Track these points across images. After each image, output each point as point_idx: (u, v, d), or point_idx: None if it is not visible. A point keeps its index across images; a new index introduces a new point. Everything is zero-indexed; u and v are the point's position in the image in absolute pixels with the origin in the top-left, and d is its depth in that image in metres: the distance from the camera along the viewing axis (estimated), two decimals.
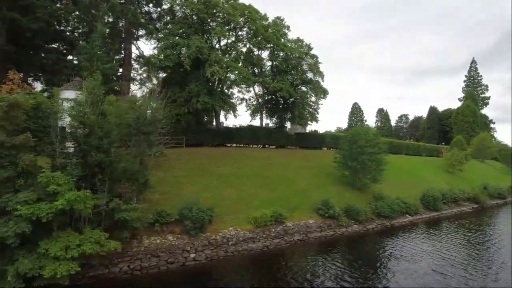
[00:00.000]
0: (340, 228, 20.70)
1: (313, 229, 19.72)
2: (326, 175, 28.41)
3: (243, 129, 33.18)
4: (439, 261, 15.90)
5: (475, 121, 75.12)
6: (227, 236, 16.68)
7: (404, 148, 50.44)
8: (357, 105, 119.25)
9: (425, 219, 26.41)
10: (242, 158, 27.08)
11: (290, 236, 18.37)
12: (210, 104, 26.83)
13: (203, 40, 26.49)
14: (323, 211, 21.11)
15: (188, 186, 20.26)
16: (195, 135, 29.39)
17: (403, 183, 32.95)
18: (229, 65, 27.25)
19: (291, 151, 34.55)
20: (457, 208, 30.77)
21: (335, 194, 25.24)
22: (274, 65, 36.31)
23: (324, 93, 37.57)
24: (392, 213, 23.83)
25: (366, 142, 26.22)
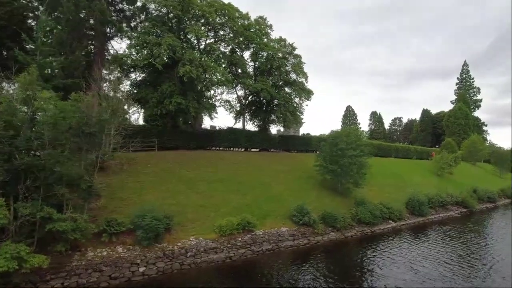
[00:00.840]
0: (316, 236, 19.33)
1: (285, 237, 18.35)
2: (306, 179, 27.12)
3: (223, 131, 31.86)
4: (410, 276, 14.45)
5: (467, 124, 74.49)
6: (187, 246, 15.27)
7: (393, 151, 49.37)
8: (350, 108, 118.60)
9: (410, 225, 25.13)
10: (217, 162, 25.74)
11: (258, 245, 16.98)
12: (184, 105, 25.55)
13: (176, 39, 25.23)
14: (297, 218, 19.76)
15: (152, 191, 18.86)
16: (170, 138, 28.06)
17: (389, 187, 31.83)
18: (204, 65, 26.07)
19: (273, 154, 33.26)
20: (445, 213, 29.56)
21: (314, 199, 23.97)
22: (257, 65, 35.20)
23: (309, 94, 36.50)
24: (374, 219, 22.52)
25: (348, 145, 25.03)
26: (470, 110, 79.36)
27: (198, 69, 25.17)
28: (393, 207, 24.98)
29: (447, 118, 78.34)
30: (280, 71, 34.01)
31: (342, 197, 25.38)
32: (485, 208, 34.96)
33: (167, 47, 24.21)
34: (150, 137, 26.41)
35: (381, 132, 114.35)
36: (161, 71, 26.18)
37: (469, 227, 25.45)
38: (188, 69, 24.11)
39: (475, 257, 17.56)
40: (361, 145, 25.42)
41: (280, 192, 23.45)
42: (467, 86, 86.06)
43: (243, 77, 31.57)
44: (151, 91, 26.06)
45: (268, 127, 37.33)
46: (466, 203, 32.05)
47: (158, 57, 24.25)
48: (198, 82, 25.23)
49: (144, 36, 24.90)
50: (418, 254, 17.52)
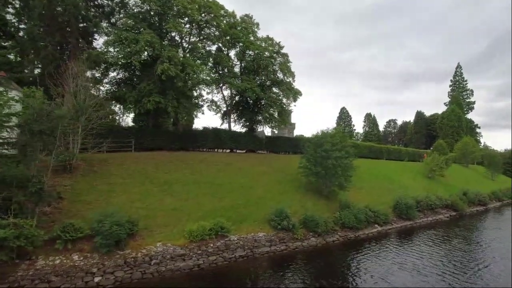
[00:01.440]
0: (295, 242, 18.38)
1: (261, 243, 17.38)
2: (290, 182, 26.20)
3: (207, 132, 30.86)
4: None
5: (460, 126, 74.17)
6: (152, 253, 14.25)
7: (385, 153, 48.71)
8: (345, 109, 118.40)
9: (396, 229, 24.27)
10: (198, 164, 24.75)
11: (231, 252, 16.00)
12: (163, 104, 24.58)
13: (155, 36, 24.27)
14: (276, 222, 18.80)
15: (122, 194, 17.82)
16: (151, 138, 27.05)
17: (378, 189, 31.05)
18: (185, 63, 25.14)
19: (258, 156, 32.33)
20: (434, 216, 28.75)
21: (297, 203, 23.05)
22: (243, 65, 34.32)
23: (296, 94, 35.68)
24: (358, 223, 21.63)
25: (333, 146, 24.15)
26: (463, 112, 79.11)
27: (178, 67, 24.27)
28: (379, 211, 24.12)
29: (441, 120, 78.03)
30: (267, 70, 33.16)
31: (326, 200, 24.47)
32: (476, 211, 34.24)
33: (144, 44, 23.26)
34: (128, 137, 25.44)
35: (375, 134, 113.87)
36: (140, 69, 25.30)
37: (455, 232, 24.58)
38: (166, 67, 23.16)
39: (455, 269, 16.47)
40: (346, 146, 24.54)
41: (261, 195, 22.50)
42: (460, 88, 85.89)
43: (228, 76, 30.61)
44: (130, 89, 25.07)
45: (255, 128, 36.43)
46: (456, 206, 31.30)
47: (135, 54, 23.32)
48: (178, 80, 24.23)
49: (122, 33, 23.92)
50: (395, 262, 16.53)
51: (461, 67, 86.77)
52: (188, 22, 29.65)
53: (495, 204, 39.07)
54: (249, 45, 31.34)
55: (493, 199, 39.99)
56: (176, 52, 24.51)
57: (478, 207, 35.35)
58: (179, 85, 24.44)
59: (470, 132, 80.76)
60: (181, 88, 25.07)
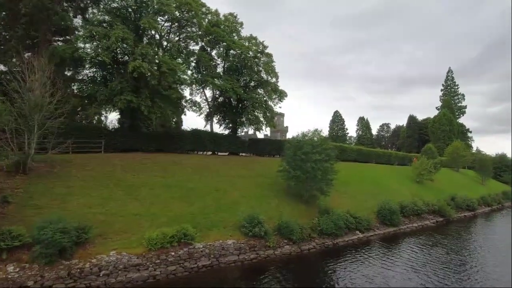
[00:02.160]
0: (266, 250, 17.20)
1: (229, 251, 16.18)
2: (270, 186, 25.08)
3: (186, 134, 29.72)
4: None
5: (451, 130, 73.84)
6: (103, 263, 12.98)
7: (374, 157, 47.82)
8: (338, 113, 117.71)
9: (379, 236, 23.20)
10: (171, 166, 23.54)
11: (193, 261, 14.79)
12: (135, 103, 23.40)
13: (128, 31, 23.14)
14: (247, 229, 17.62)
15: (80, 198, 16.55)
16: (125, 139, 25.82)
17: (364, 194, 30.01)
18: (161, 61, 24.03)
19: (239, 159, 31.19)
20: (419, 222, 27.77)
21: (274, 208, 21.95)
22: (226, 65, 33.30)
23: (281, 95, 34.74)
24: (337, 230, 20.51)
25: (313, 148, 23.12)
26: (454, 117, 78.85)
27: (152, 65, 23.17)
28: (360, 217, 23.05)
29: (432, 124, 77.69)
30: (251, 70, 32.17)
31: (307, 206, 23.36)
32: (464, 216, 33.35)
33: (115, 40, 22.12)
34: (100, 137, 24.20)
35: (368, 138, 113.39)
36: (112, 67, 24.13)
37: (437, 239, 23.50)
38: (138, 64, 22.00)
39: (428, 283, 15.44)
40: (327, 149, 23.50)
41: (235, 200, 21.32)
42: (452, 93, 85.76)
43: (209, 75, 29.51)
44: (101, 87, 23.86)
45: (238, 130, 35.33)
46: (443, 212, 30.37)
47: (106, 50, 22.16)
48: (151, 78, 23.10)
49: (93, 28, 22.77)
50: (364, 275, 15.38)
51: (452, 71, 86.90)
52: (167, 20, 28.71)
53: (484, 209, 38.27)
54: (231, 44, 30.31)
55: (482, 204, 39.20)
56: (150, 49, 23.37)
57: (466, 213, 34.47)
58: (153, 84, 23.28)
59: (461, 137, 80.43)
60: (155, 86, 23.91)
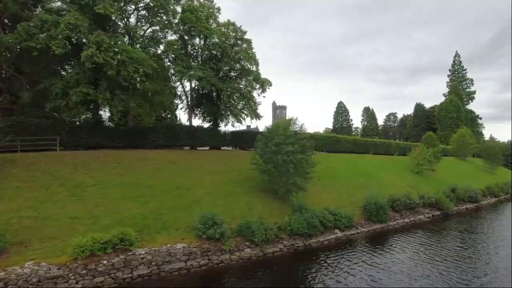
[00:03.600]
0: (222, 255, 15.23)
1: (176, 257, 14.28)
2: (243, 181, 23.05)
3: (158, 128, 27.90)
4: None
5: (459, 117, 69.98)
6: (12, 277, 11.24)
7: (371, 147, 45.07)
8: (342, 104, 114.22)
9: (363, 234, 20.90)
10: (135, 163, 21.77)
11: (129, 270, 12.95)
12: (92, 96, 21.63)
13: (81, 18, 21.28)
14: (200, 230, 15.67)
15: (10, 201, 14.90)
16: (88, 135, 24.19)
17: (352, 188, 27.68)
18: (120, 49, 22.17)
19: (219, 153, 29.16)
20: (412, 217, 25.27)
21: (243, 206, 19.94)
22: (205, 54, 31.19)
23: (264, 84, 32.41)
24: (310, 229, 18.34)
25: (286, 138, 20.94)
26: (463, 103, 74.70)
27: (108, 54, 21.28)
28: (341, 213, 20.77)
29: (438, 111, 73.91)
30: (229, 58, 29.94)
31: (282, 203, 21.20)
32: (465, 209, 30.56)
33: (65, 27, 20.30)
34: (60, 134, 22.62)
35: (373, 128, 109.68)
36: (66, 57, 22.38)
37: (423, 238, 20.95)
38: (91, 53, 20.18)
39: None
40: (302, 139, 21.25)
41: (198, 198, 19.38)
42: (459, 78, 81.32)
43: (180, 65, 27.45)
44: (56, 80, 22.18)
45: (220, 122, 33.25)
46: (440, 205, 27.74)
47: (54, 39, 20.39)
48: (108, 68, 21.24)
49: (43, 16, 21.02)
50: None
51: (459, 55, 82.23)
52: (137, 8, 26.93)
53: (490, 200, 35.24)
54: (204, 30, 28.13)
55: (487, 195, 36.19)
56: (106, 36, 21.45)
57: (469, 205, 31.64)
58: (110, 74, 21.41)
59: (471, 124, 76.36)
60: (114, 77, 22.04)
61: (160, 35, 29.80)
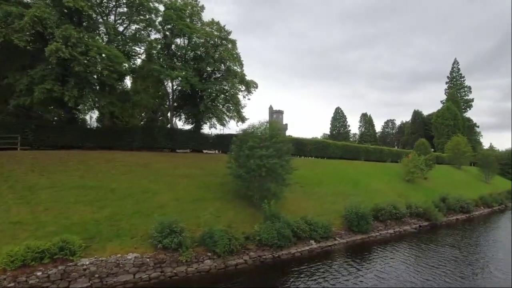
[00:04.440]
0: (177, 267, 13.93)
1: (125, 269, 13.01)
2: (217, 187, 21.80)
3: (135, 129, 26.76)
4: None
5: (456, 125, 68.73)
6: None
7: (362, 153, 43.78)
8: (339, 109, 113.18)
9: (341, 246, 19.56)
10: (101, 164, 20.55)
11: (66, 283, 11.69)
12: (58, 93, 20.51)
13: (48, 10, 20.24)
14: (156, 239, 14.40)
15: None
16: (57, 135, 23.04)
17: (335, 195, 26.38)
18: (89, 45, 21.07)
19: (198, 156, 27.90)
20: (398, 228, 23.93)
21: (213, 213, 18.60)
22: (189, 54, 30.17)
23: (248, 85, 31.35)
24: (281, 240, 17.03)
25: (261, 141, 19.75)
26: (460, 110, 73.49)
27: (76, 50, 20.21)
28: (318, 223, 19.46)
29: (435, 118, 72.74)
30: (212, 58, 28.86)
31: (256, 210, 19.85)
32: (455, 220, 29.14)
33: (29, 19, 19.25)
34: (25, 132, 21.51)
35: (371, 135, 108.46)
36: (32, 52, 21.27)
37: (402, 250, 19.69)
38: (55, 47, 19.10)
39: None
40: (277, 143, 20.02)
41: (164, 204, 18.12)
42: (457, 85, 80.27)
43: (157, 64, 26.37)
44: (22, 75, 21.08)
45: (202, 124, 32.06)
46: (428, 215, 26.39)
47: (18, 32, 19.34)
48: (75, 64, 20.15)
49: (7, 8, 19.98)
50: None
51: (458, 62, 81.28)
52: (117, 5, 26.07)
53: (482, 211, 33.80)
54: (184, 28, 27.09)
55: (480, 205, 34.78)
56: (74, 30, 20.37)
57: (460, 215, 30.23)
58: (77, 71, 20.31)
59: (468, 132, 75.08)
60: (83, 74, 20.94)
61: (144, 33, 28.91)
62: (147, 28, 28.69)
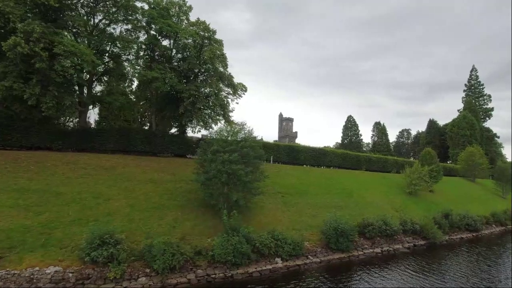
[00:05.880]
0: (103, 284, 12.20)
1: (38, 285, 11.40)
2: (183, 193, 20.09)
3: (109, 131, 25.52)
4: None
5: (473, 135, 64.06)
6: None
7: (364, 163, 40.86)
8: (351, 118, 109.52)
9: (312, 266, 17.19)
10: (58, 167, 19.30)
11: None
12: (18, 91, 19.54)
13: (14, 4, 19.52)
14: (84, 251, 12.72)
15: None
16: (23, 135, 22.07)
17: (319, 207, 24.15)
18: (55, 41, 20.14)
19: (175, 161, 26.16)
20: (388, 246, 21.24)
21: (169, 222, 16.99)
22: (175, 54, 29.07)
23: (236, 89, 29.74)
24: (238, 257, 14.97)
25: (228, 145, 17.91)
26: (478, 120, 68.72)
27: (39, 45, 19.26)
28: (287, 238, 17.24)
29: (450, 128, 68.31)
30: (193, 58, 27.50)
31: (220, 221, 17.76)
32: (459, 239, 25.92)
33: None
34: None
35: (384, 144, 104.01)
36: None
37: (383, 277, 17.04)
38: (13, 42, 18.21)
39: None
40: (245, 147, 18.07)
41: (115, 211, 16.51)
42: (476, 93, 75.51)
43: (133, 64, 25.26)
44: None
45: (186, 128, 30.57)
46: (426, 233, 23.48)
47: None
48: (37, 61, 19.17)
49: None
50: None
51: (476, 70, 76.52)
52: None
53: (493, 230, 30.16)
54: (163, 26, 25.91)
55: (492, 223, 31.14)
56: (37, 25, 19.42)
57: (466, 234, 26.94)
58: (38, 67, 19.31)
59: (487, 143, 70.07)
60: (45, 71, 19.94)
61: (133, 35, 28.10)
62: (135, 29, 27.85)
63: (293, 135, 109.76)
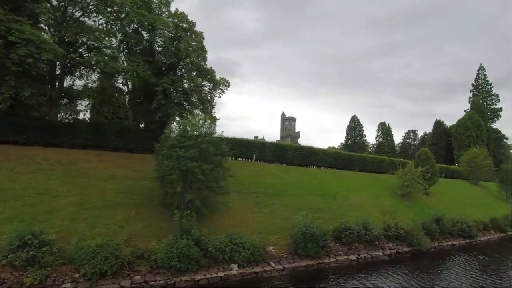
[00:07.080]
0: None
1: None
2: (143, 191, 18.99)
3: (77, 125, 24.48)
4: None
5: (479, 136, 61.13)
6: None
7: (358, 163, 38.88)
8: (355, 118, 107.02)
9: (273, 274, 15.60)
10: (8, 161, 18.19)
11: None
12: None
13: None
14: (1, 253, 11.48)
15: None
16: None
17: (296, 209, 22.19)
18: (13, 28, 19.10)
19: (140, 157, 24.50)
20: (366, 253, 19.45)
21: (119, 222, 15.80)
22: (142, 44, 27.82)
23: (216, 84, 28.42)
24: (184, 261, 13.53)
25: (186, 140, 16.51)
26: (485, 120, 65.62)
27: None
28: (246, 243, 15.72)
29: (455, 128, 65.50)
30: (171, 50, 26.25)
31: None
32: (450, 246, 23.86)
33: None
34: None
35: (389, 145, 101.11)
36: None
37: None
38: None
39: None
40: (203, 142, 16.61)
41: (60, 208, 15.34)
42: (483, 93, 72.29)
43: (102, 54, 24.07)
44: None
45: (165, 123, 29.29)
46: (411, 239, 21.60)
47: None
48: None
49: None
50: None
51: (483, 68, 73.15)
52: None
53: (491, 236, 27.87)
54: (135, 15, 24.67)
55: (490, 229, 28.86)
56: None
57: (458, 241, 24.85)
58: None
59: (495, 144, 66.96)
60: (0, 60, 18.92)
61: (114, 27, 27.07)
62: (116, 21, 26.81)
63: (296, 134, 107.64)
